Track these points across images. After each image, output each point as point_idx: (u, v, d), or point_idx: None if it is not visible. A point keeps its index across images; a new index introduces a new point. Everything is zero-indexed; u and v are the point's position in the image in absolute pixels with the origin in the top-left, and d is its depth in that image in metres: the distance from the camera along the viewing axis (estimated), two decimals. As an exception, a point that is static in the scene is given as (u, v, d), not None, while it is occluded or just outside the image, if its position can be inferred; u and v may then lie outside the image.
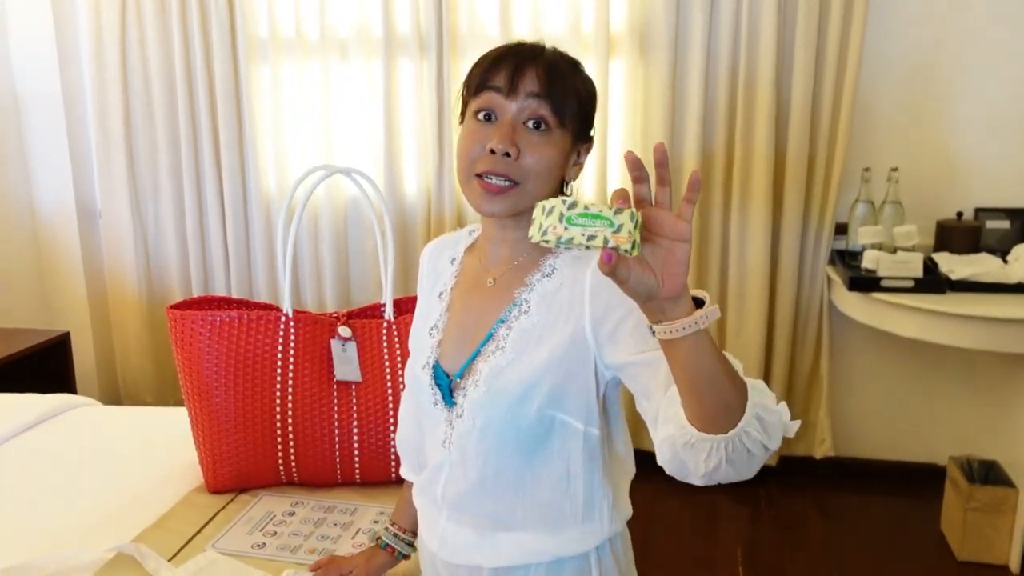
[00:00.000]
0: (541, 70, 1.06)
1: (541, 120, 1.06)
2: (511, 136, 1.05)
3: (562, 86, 1.06)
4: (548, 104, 1.05)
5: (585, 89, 1.11)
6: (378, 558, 1.39)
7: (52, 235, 3.45)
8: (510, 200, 1.07)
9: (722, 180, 2.96)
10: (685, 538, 2.81)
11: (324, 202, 3.19)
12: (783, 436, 0.95)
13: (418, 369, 1.20)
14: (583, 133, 1.12)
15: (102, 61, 3.26)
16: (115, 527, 1.61)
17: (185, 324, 1.66)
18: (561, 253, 1.12)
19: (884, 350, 3.07)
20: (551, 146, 1.07)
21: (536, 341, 1.09)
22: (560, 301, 1.08)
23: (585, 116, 1.10)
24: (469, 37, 3.01)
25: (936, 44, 2.86)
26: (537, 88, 1.05)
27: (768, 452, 0.93)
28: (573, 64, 1.12)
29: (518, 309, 1.11)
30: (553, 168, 1.07)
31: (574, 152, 1.12)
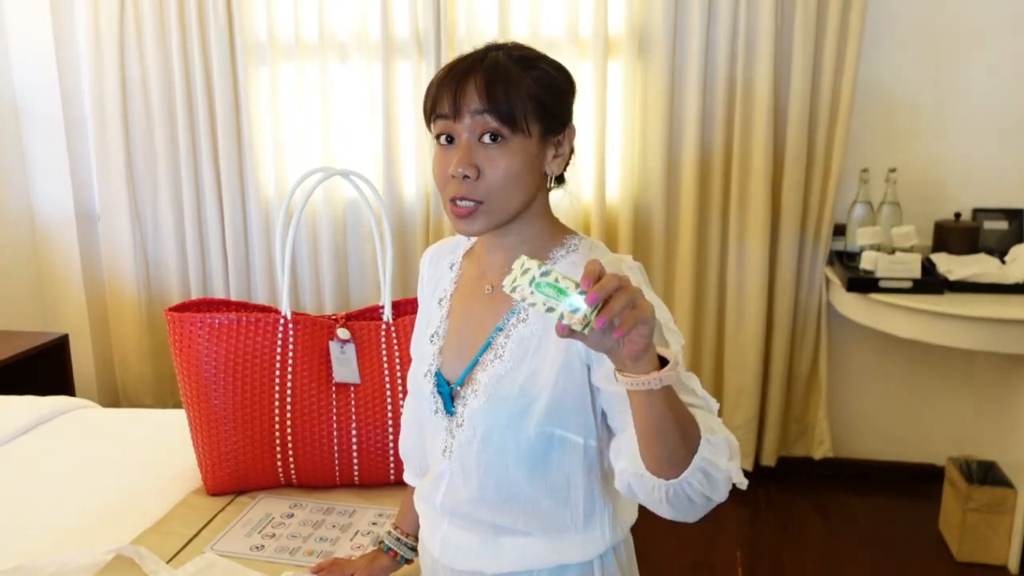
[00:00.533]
0: (480, 83, 1.03)
1: (494, 132, 1.04)
2: (467, 158, 1.04)
3: (507, 92, 1.03)
4: (494, 115, 1.03)
5: (541, 84, 1.06)
6: (380, 561, 1.39)
7: (51, 238, 3.46)
8: (479, 220, 1.06)
9: (720, 181, 2.96)
10: (684, 540, 2.81)
11: (323, 204, 3.19)
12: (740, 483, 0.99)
13: (420, 376, 1.20)
14: (552, 126, 1.08)
15: (101, 65, 3.26)
16: (114, 529, 1.61)
17: (184, 326, 1.66)
18: (559, 261, 1.12)
19: (883, 351, 3.07)
20: (511, 156, 1.04)
21: (534, 350, 1.09)
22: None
23: (547, 110, 1.06)
24: (467, 39, 3.01)
25: (933, 45, 2.86)
26: (479, 103, 1.03)
27: (712, 503, 0.98)
28: (524, 61, 1.07)
29: (516, 317, 1.11)
30: (519, 175, 1.05)
31: (548, 147, 1.09)
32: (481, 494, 1.13)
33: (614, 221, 3.05)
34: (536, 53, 1.10)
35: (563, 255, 1.12)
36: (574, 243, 1.14)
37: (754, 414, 3.07)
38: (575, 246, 1.13)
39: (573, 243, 1.14)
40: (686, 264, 3.00)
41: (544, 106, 1.06)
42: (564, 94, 1.10)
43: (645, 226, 3.04)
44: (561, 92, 1.09)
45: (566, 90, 1.11)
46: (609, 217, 3.05)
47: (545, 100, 1.06)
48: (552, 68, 1.09)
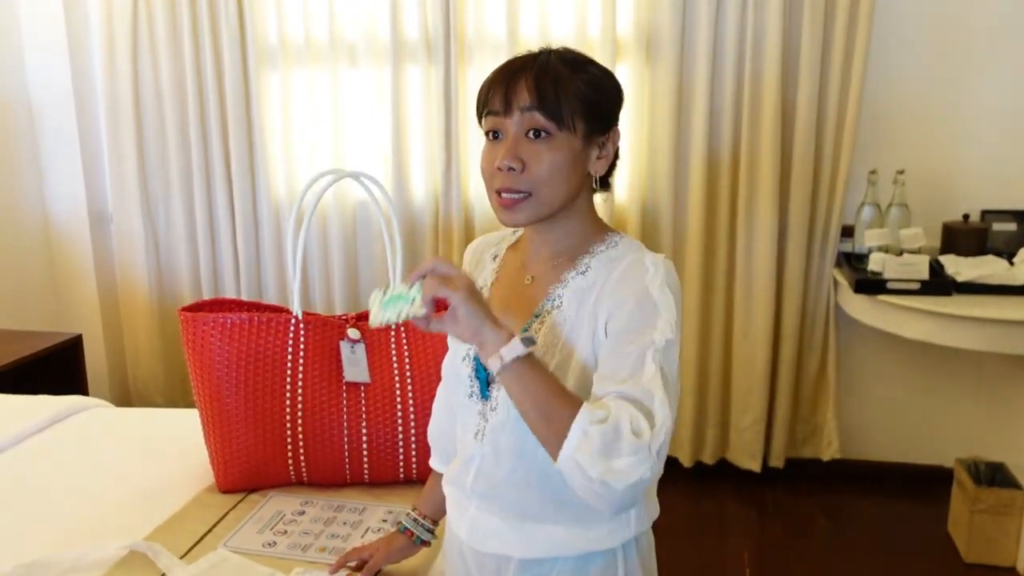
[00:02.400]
0: (530, 82, 1.09)
1: (540, 129, 1.09)
2: (513, 151, 1.09)
3: (555, 90, 1.08)
4: (541, 112, 1.08)
5: (589, 84, 1.11)
6: (397, 541, 1.41)
7: (65, 239, 3.49)
8: (524, 211, 1.11)
9: (728, 183, 2.97)
10: (693, 541, 2.82)
11: (333, 206, 3.21)
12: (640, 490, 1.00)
13: (458, 361, 1.23)
14: (598, 127, 1.13)
15: (114, 68, 3.30)
16: (127, 526, 1.63)
17: (197, 326, 1.68)
18: (598, 253, 1.16)
19: (891, 352, 3.07)
20: (555, 150, 1.09)
21: (567, 334, 1.12)
22: (590, 298, 1.12)
23: (593, 110, 1.11)
24: (476, 42, 3.03)
25: (942, 46, 2.86)
26: (528, 100, 1.09)
27: (611, 495, 0.99)
28: (574, 63, 1.12)
29: (551, 304, 1.15)
30: (562, 169, 1.10)
31: (592, 147, 1.13)
32: (512, 478, 1.16)
33: (622, 222, 3.06)
34: (587, 58, 1.15)
35: (603, 250, 1.16)
36: (615, 240, 1.18)
37: (762, 415, 3.08)
38: (615, 242, 1.17)
39: (614, 240, 1.18)
40: (694, 265, 3.01)
41: (590, 106, 1.11)
42: (611, 97, 1.15)
43: (653, 227, 3.05)
44: (608, 94, 1.14)
45: (613, 94, 1.15)
46: (617, 218, 3.06)
47: (592, 100, 1.11)
48: (601, 72, 1.14)
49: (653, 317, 1.06)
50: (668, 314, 1.06)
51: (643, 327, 1.06)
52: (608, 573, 1.17)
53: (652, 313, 1.07)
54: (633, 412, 0.99)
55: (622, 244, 1.17)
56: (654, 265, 1.10)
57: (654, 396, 1.01)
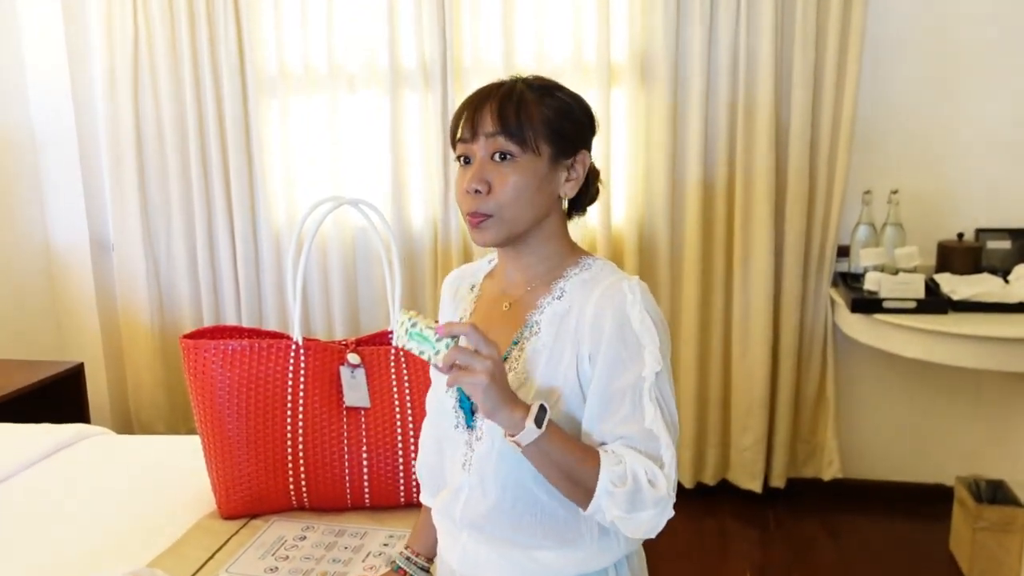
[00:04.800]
0: (495, 108, 1.12)
1: (504, 152, 1.12)
2: (479, 174, 1.12)
3: (517, 115, 1.11)
4: (505, 136, 1.11)
5: (554, 109, 1.13)
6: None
7: (66, 268, 3.51)
8: (491, 229, 1.13)
9: (724, 205, 3.00)
10: (695, 562, 2.81)
11: (332, 233, 3.24)
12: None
13: (442, 392, 1.24)
14: (565, 150, 1.14)
15: (115, 98, 3.33)
16: (130, 553, 1.63)
17: (198, 353, 1.70)
18: (572, 276, 1.17)
19: (889, 371, 3.08)
20: (518, 172, 1.12)
21: (545, 362, 1.13)
22: (568, 325, 1.13)
23: (558, 134, 1.13)
24: (473, 69, 3.07)
25: (933, 67, 2.89)
26: (492, 126, 1.11)
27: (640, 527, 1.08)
28: (541, 89, 1.15)
29: (529, 331, 1.16)
30: (525, 190, 1.12)
31: (559, 169, 1.15)
32: (499, 506, 1.16)
33: (619, 244, 3.09)
34: (555, 84, 1.17)
35: (576, 273, 1.17)
36: (588, 262, 1.19)
37: (762, 435, 3.08)
38: (589, 265, 1.18)
39: (587, 262, 1.19)
40: (691, 286, 3.03)
41: (555, 130, 1.13)
42: (577, 121, 1.16)
43: (650, 249, 3.08)
44: (574, 118, 1.16)
45: (580, 118, 1.16)
46: (615, 240, 3.08)
47: (556, 124, 1.13)
48: (568, 97, 1.17)
49: (639, 349, 1.08)
50: (652, 343, 1.08)
51: (631, 361, 1.08)
52: None
53: (636, 345, 1.08)
54: (646, 464, 1.05)
55: (595, 266, 1.18)
56: (631, 291, 1.10)
57: (659, 440, 1.06)
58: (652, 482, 1.04)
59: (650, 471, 1.05)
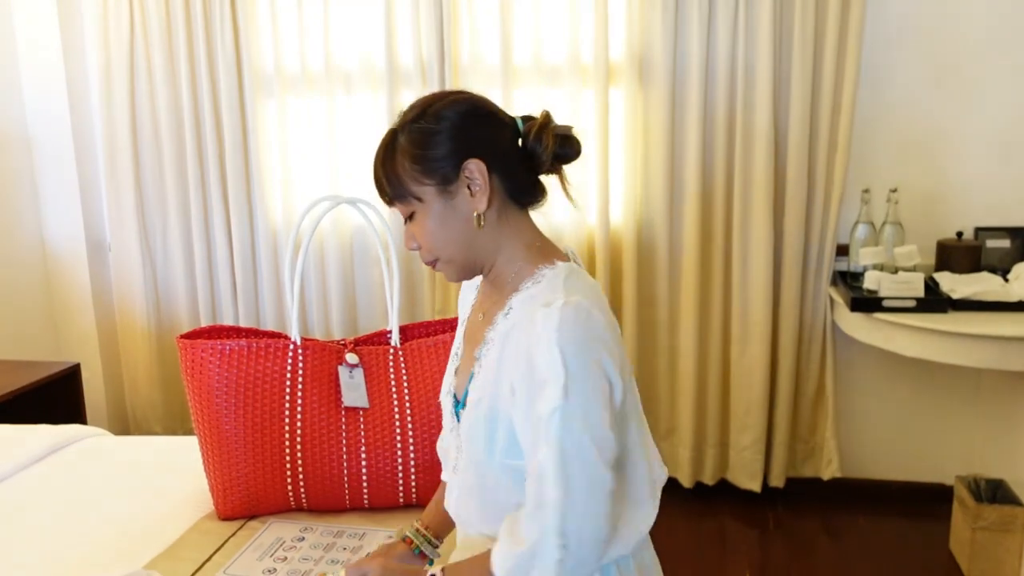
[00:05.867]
0: (376, 182, 1.18)
1: (406, 215, 1.17)
2: (407, 236, 1.19)
3: (388, 178, 1.15)
4: (394, 204, 1.17)
5: (415, 144, 1.12)
6: (397, 548, 1.37)
7: (62, 269, 3.50)
8: (447, 272, 1.19)
9: (723, 204, 2.99)
10: (694, 562, 2.81)
11: (330, 232, 3.23)
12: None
13: (444, 394, 1.27)
14: (447, 174, 1.11)
15: (111, 98, 3.32)
16: (127, 555, 1.62)
17: (195, 353, 1.69)
18: (524, 290, 1.14)
19: (888, 370, 3.08)
20: (423, 224, 1.15)
21: (493, 381, 1.13)
22: (513, 341, 1.11)
23: (427, 168, 1.11)
24: (471, 67, 3.06)
25: (934, 64, 2.89)
26: (383, 198, 1.18)
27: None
28: (410, 123, 1.14)
29: (486, 348, 1.16)
30: (438, 233, 1.14)
31: (455, 193, 1.12)
32: (481, 508, 1.19)
33: (618, 244, 3.08)
34: (422, 109, 1.14)
35: (528, 287, 1.14)
36: (542, 274, 1.14)
37: (761, 434, 3.07)
38: (541, 278, 1.13)
39: (541, 274, 1.14)
40: (690, 286, 3.02)
41: (423, 165, 1.12)
42: (450, 138, 1.11)
43: (649, 248, 3.07)
44: (438, 142, 1.12)
45: (453, 132, 1.12)
46: (613, 240, 3.07)
47: (421, 158, 1.12)
48: (434, 117, 1.12)
49: (542, 385, 1.02)
50: (556, 379, 1.01)
51: (535, 399, 1.03)
52: None
53: (539, 382, 1.03)
54: (512, 523, 1.06)
55: (545, 280, 1.12)
56: (544, 321, 1.03)
57: (546, 479, 1.02)
58: (518, 539, 1.03)
59: (518, 527, 1.04)
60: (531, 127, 1.14)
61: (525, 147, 1.14)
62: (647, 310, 3.12)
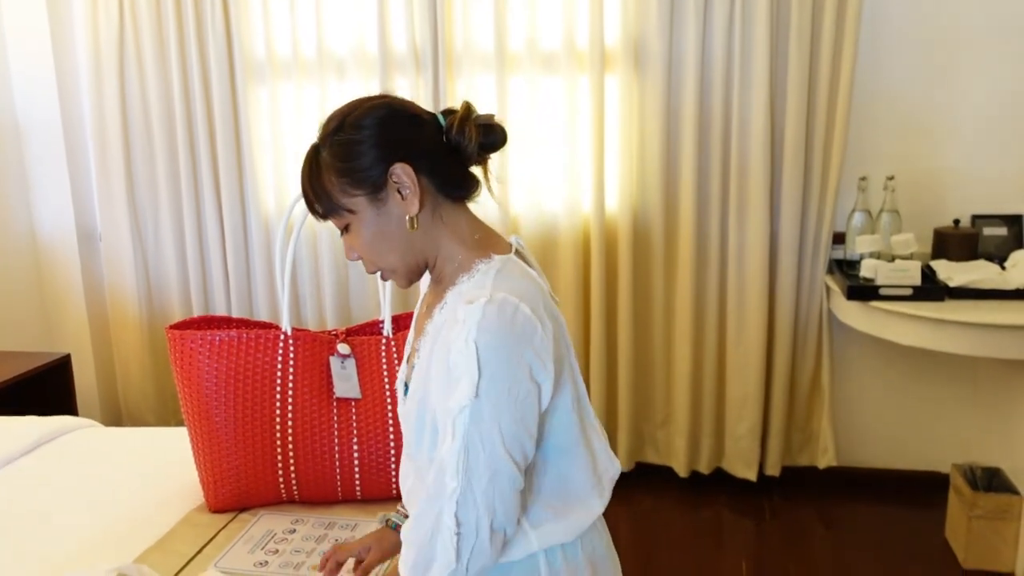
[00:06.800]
0: (305, 199, 1.15)
1: (339, 227, 1.15)
2: (346, 251, 1.17)
3: (316, 195, 1.13)
4: (325, 217, 1.15)
5: (343, 154, 1.10)
6: (390, 538, 1.37)
7: (53, 258, 3.47)
8: (397, 280, 1.17)
9: (719, 192, 2.97)
10: (690, 551, 2.80)
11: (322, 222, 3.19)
12: None
13: (398, 383, 1.27)
14: (374, 182, 1.10)
15: (100, 85, 3.28)
16: (116, 548, 1.61)
17: (184, 344, 1.67)
18: (459, 284, 1.12)
19: (885, 358, 3.07)
20: (359, 235, 1.13)
21: (424, 373, 1.12)
22: (443, 337, 1.09)
23: (353, 179, 1.10)
24: (465, 53, 3.03)
25: (929, 53, 2.87)
26: (314, 215, 1.16)
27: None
28: (324, 141, 1.14)
29: (424, 340, 1.15)
30: (375, 242, 1.13)
31: (385, 200, 1.10)
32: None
33: (613, 232, 3.06)
34: (340, 120, 1.13)
35: (463, 281, 1.12)
36: (479, 267, 1.12)
37: (757, 423, 3.06)
38: (476, 271, 1.12)
39: (478, 267, 1.12)
40: (686, 273, 3.01)
41: (347, 177, 1.10)
42: (372, 147, 1.10)
43: (644, 236, 3.05)
44: (361, 151, 1.10)
45: (370, 142, 1.10)
46: (608, 227, 3.05)
47: (345, 170, 1.10)
48: (351, 129, 1.11)
49: (455, 380, 1.02)
50: (469, 374, 1.00)
51: (449, 389, 1.03)
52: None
53: (453, 376, 1.03)
54: (415, 514, 1.07)
55: (477, 275, 1.11)
56: (465, 317, 1.02)
57: (446, 471, 1.02)
58: (417, 526, 1.05)
59: (418, 517, 1.05)
60: (452, 121, 1.13)
61: (449, 141, 1.13)
62: (642, 298, 3.10)
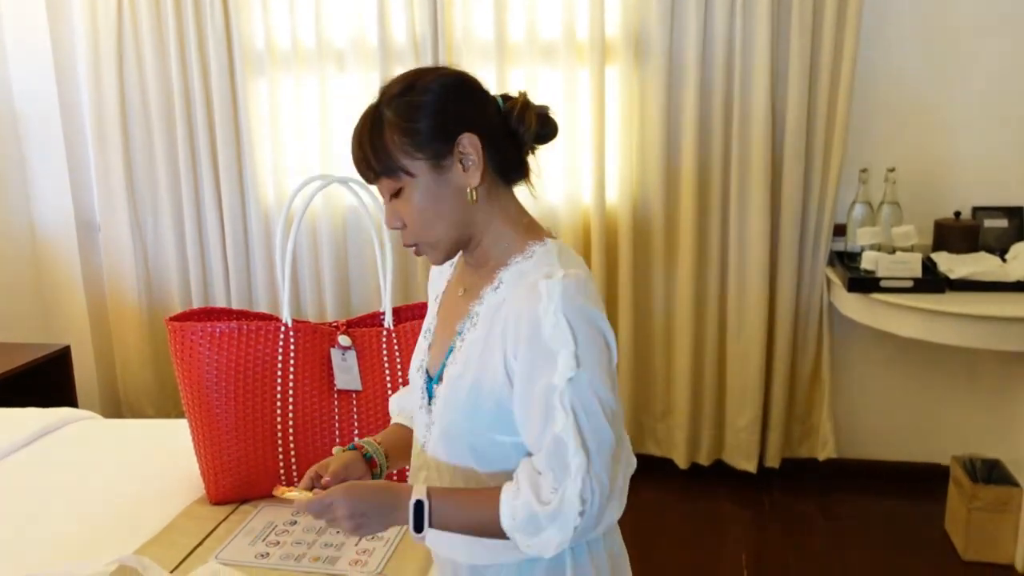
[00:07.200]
0: (359, 155, 1.11)
1: (391, 192, 1.11)
2: (390, 215, 1.14)
3: (376, 152, 1.09)
4: (381, 178, 1.11)
5: (411, 114, 1.08)
6: (350, 463, 1.21)
7: (52, 249, 3.46)
8: (431, 255, 1.15)
9: (719, 184, 2.96)
10: (689, 543, 2.80)
11: (323, 212, 3.19)
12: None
13: (414, 370, 1.24)
14: (439, 147, 1.08)
15: (99, 76, 3.27)
16: (117, 540, 1.61)
17: (184, 336, 1.66)
18: (513, 265, 1.12)
19: (885, 350, 3.07)
20: (412, 200, 1.10)
21: (479, 355, 1.10)
22: (500, 317, 1.09)
23: (420, 140, 1.07)
24: (464, 45, 3.02)
25: (930, 44, 2.86)
26: (366, 174, 1.12)
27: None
28: (397, 96, 1.09)
29: (470, 322, 1.13)
30: (428, 211, 1.10)
31: (448, 168, 1.09)
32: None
33: (613, 223, 3.05)
34: (410, 82, 1.10)
35: (518, 262, 1.12)
36: (533, 249, 1.13)
37: (757, 415, 3.06)
38: (532, 253, 1.12)
39: (532, 249, 1.13)
40: (686, 266, 3.00)
41: (419, 138, 1.07)
42: (441, 111, 1.08)
43: (645, 228, 3.04)
44: (432, 113, 1.08)
45: (444, 105, 1.09)
46: (608, 219, 3.05)
47: (412, 131, 1.07)
48: (424, 91, 1.09)
49: (551, 355, 1.02)
50: (567, 348, 1.02)
51: (544, 367, 1.03)
52: (555, 574, 1.14)
53: (547, 351, 1.02)
54: (536, 481, 1.03)
55: (537, 255, 1.12)
56: (548, 291, 1.03)
57: (567, 446, 1.01)
58: (543, 501, 1.02)
59: (538, 491, 1.03)
60: (513, 105, 1.13)
61: (508, 124, 1.13)
62: (643, 290, 3.10)
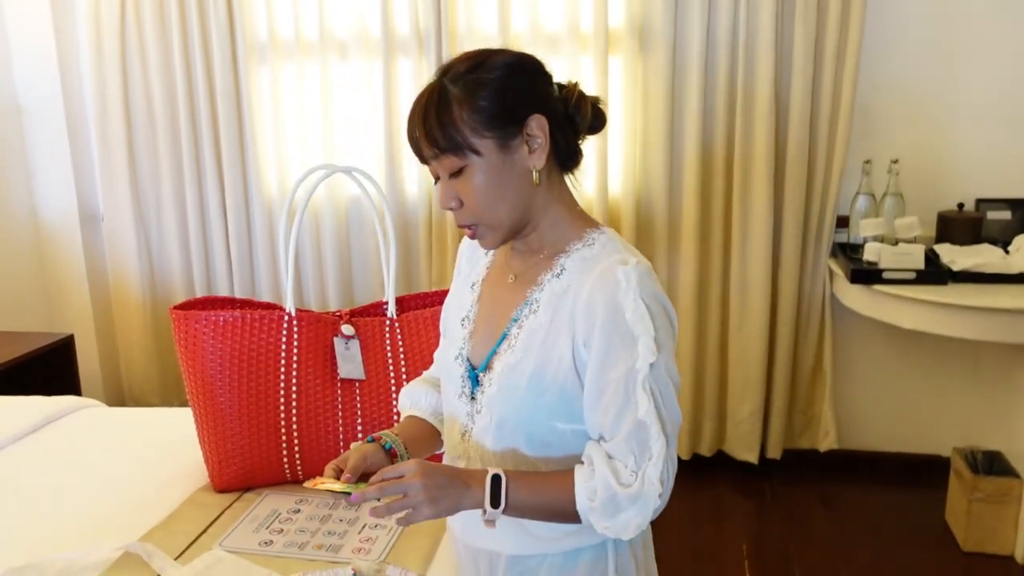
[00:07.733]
0: (422, 131, 1.08)
1: (452, 171, 1.08)
2: (446, 194, 1.11)
3: (443, 128, 1.06)
4: (446, 154, 1.07)
5: (482, 92, 1.06)
6: (370, 453, 1.17)
7: (55, 239, 3.47)
8: (487, 237, 1.13)
9: (723, 175, 2.96)
10: (691, 533, 2.81)
11: (326, 202, 3.20)
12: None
13: (451, 359, 1.21)
14: (509, 127, 1.07)
15: (102, 67, 3.27)
16: (121, 527, 1.61)
17: (188, 324, 1.67)
18: (574, 252, 1.13)
19: (887, 342, 3.07)
20: (475, 179, 1.08)
21: (541, 342, 1.10)
22: (566, 304, 1.09)
23: (492, 118, 1.06)
24: (468, 35, 3.01)
25: (934, 35, 2.85)
26: (428, 149, 1.08)
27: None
28: (466, 73, 1.07)
29: (529, 308, 1.13)
30: (491, 191, 1.08)
31: (515, 148, 1.08)
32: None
33: (616, 214, 3.05)
34: (481, 60, 1.09)
35: (578, 248, 1.13)
36: (593, 237, 1.14)
37: (759, 406, 3.07)
38: (593, 240, 1.13)
39: (592, 237, 1.14)
40: (689, 257, 3.00)
41: (489, 115, 1.06)
42: (512, 90, 1.07)
43: (647, 219, 3.04)
44: (508, 88, 1.07)
45: (516, 84, 1.08)
46: (611, 210, 3.05)
47: (488, 108, 1.06)
48: (497, 69, 1.08)
49: (632, 340, 1.04)
50: (647, 333, 1.03)
51: (624, 352, 1.04)
52: (598, 567, 1.16)
53: (629, 335, 1.04)
54: (613, 466, 1.04)
55: (599, 242, 1.13)
56: (627, 278, 1.04)
57: (650, 430, 1.04)
58: (624, 483, 1.03)
59: (618, 475, 1.03)
60: (570, 93, 1.13)
61: (567, 111, 1.12)
62: (645, 282, 3.09)
